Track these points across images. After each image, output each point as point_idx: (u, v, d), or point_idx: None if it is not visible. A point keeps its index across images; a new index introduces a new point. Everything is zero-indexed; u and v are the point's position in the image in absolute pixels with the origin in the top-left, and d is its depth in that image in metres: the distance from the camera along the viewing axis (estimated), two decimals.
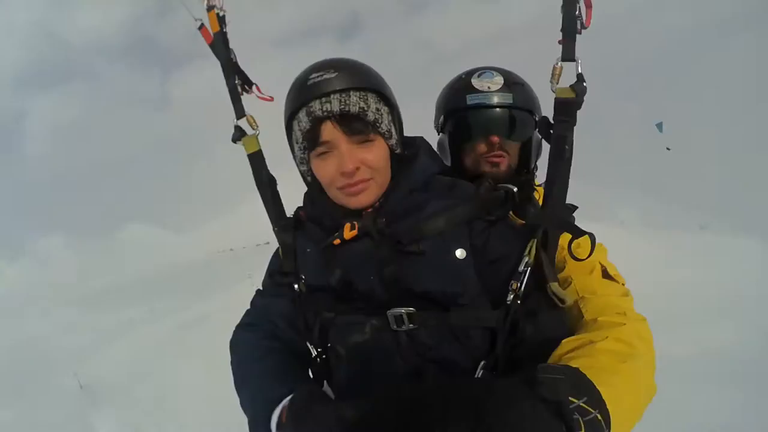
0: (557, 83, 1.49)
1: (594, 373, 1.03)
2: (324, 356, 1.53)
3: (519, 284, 1.37)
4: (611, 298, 1.43)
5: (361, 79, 1.40)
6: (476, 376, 1.35)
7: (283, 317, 1.60)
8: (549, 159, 1.49)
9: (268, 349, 1.57)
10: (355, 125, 1.37)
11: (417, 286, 1.38)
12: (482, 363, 1.36)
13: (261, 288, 1.76)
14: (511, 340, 1.36)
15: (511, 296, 1.37)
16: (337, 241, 1.43)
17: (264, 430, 1.33)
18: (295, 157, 1.53)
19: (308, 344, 1.54)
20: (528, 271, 1.39)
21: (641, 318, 1.38)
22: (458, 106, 1.84)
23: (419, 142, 1.58)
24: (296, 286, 1.54)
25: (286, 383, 1.40)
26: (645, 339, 1.29)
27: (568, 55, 1.46)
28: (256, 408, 1.41)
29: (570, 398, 0.88)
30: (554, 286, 1.37)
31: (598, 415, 0.91)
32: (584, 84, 1.47)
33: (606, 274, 1.51)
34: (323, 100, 1.36)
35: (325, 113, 1.35)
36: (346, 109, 1.36)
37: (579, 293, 1.48)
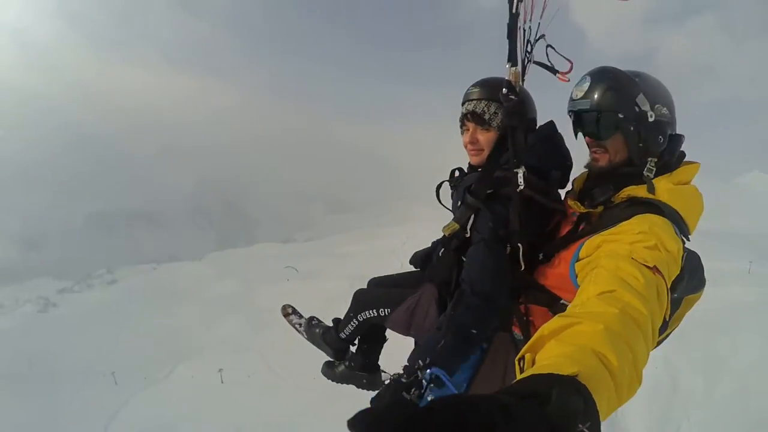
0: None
1: (595, 388, 1.03)
2: None
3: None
4: (625, 273, 1.55)
5: (489, 93, 2.43)
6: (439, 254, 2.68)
7: None
8: None
9: None
10: (477, 119, 2.46)
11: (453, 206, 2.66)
12: (441, 250, 2.71)
13: None
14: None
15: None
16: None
17: None
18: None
19: None
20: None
21: (645, 315, 1.41)
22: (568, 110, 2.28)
23: (530, 141, 2.40)
24: None
25: None
26: (645, 336, 1.37)
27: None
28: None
29: (579, 425, 0.91)
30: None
31: None
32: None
33: (636, 259, 1.62)
34: (467, 103, 2.50)
35: (466, 111, 2.50)
36: (474, 110, 2.46)
37: (595, 262, 1.77)
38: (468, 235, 2.39)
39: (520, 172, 2.19)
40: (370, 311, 3.00)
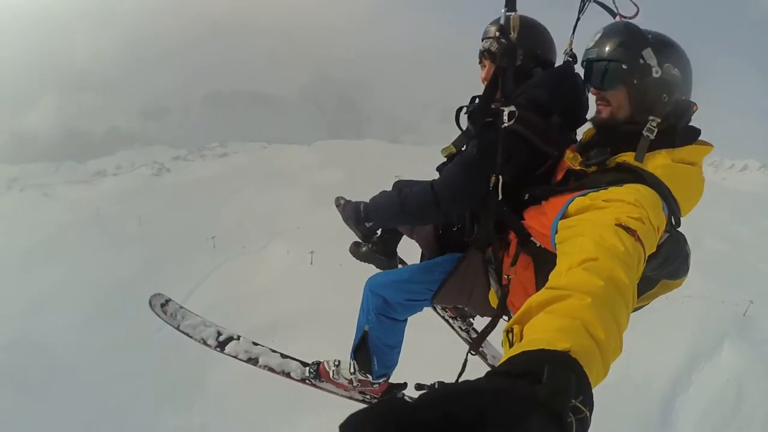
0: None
1: (587, 363, 1.03)
2: None
3: None
4: (605, 242, 1.50)
5: (497, 32, 2.35)
6: None
7: None
8: None
9: None
10: (492, 57, 2.45)
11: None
12: None
13: None
14: None
15: None
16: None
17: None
18: None
19: None
20: None
21: (625, 284, 1.38)
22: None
23: (539, 77, 2.48)
24: None
25: None
26: (626, 305, 1.34)
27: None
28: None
29: (572, 399, 0.87)
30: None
31: (588, 413, 0.89)
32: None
33: (621, 224, 1.55)
34: (484, 41, 2.51)
35: (483, 48, 2.51)
36: (489, 48, 2.47)
37: (579, 227, 1.65)
38: None
39: (506, 111, 2.23)
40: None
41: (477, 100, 2.71)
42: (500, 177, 2.33)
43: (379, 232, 3.55)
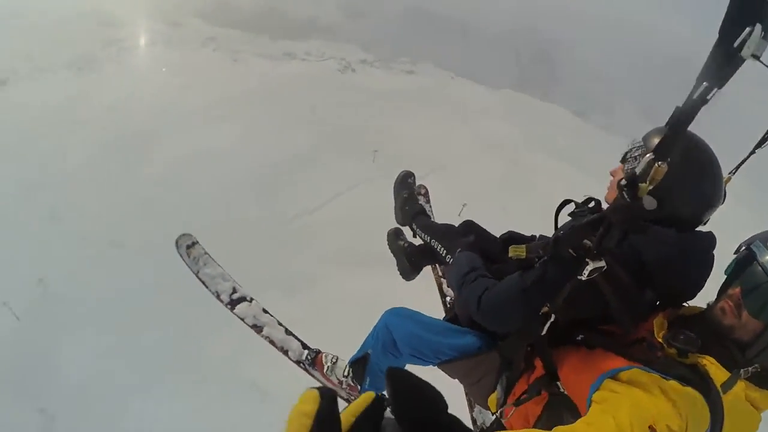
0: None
1: None
2: None
3: None
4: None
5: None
6: None
7: None
8: None
9: None
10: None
11: None
12: None
13: None
14: None
15: None
16: None
17: None
18: None
19: None
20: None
21: None
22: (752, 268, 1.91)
23: (664, 237, 2.05)
24: None
25: None
26: None
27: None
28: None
29: None
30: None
31: None
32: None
33: (654, 429, 1.56)
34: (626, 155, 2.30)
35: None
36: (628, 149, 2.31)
37: (615, 403, 1.64)
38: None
39: (591, 266, 1.82)
40: (442, 249, 3.19)
41: (596, 204, 2.42)
42: (553, 315, 2.07)
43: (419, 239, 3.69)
